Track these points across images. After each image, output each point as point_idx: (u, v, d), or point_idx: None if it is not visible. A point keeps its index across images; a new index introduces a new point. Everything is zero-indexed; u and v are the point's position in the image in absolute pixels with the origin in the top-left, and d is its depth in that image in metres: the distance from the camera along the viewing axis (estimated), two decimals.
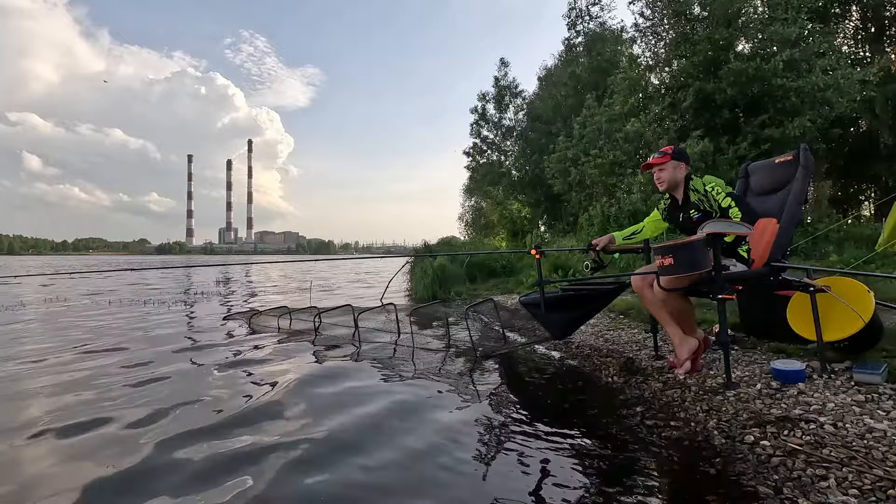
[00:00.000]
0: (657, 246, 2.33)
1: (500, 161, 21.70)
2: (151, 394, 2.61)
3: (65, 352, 3.78)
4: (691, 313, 2.48)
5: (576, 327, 3.39)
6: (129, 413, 2.30)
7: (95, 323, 5.36)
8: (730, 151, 9.37)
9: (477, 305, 5.43)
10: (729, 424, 1.85)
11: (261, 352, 3.69)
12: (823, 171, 12.59)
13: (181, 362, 3.37)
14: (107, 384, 2.82)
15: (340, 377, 2.92)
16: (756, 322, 3.04)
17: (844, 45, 12.94)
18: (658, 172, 2.60)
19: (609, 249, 2.88)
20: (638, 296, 2.70)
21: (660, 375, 2.51)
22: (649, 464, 1.67)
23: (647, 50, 12.41)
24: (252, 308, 6.30)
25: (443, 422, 2.14)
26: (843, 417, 1.77)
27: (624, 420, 2.06)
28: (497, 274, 8.54)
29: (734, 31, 10.06)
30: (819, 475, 1.44)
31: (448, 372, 3.01)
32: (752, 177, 2.98)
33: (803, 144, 2.73)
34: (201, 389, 2.70)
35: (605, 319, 4.23)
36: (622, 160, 11.37)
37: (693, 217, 2.50)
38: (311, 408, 2.35)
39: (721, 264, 2.19)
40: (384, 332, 4.30)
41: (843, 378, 2.14)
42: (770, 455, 1.60)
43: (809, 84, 8.92)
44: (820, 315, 2.25)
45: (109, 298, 8.22)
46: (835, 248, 7.26)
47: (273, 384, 2.78)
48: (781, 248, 2.55)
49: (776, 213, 2.63)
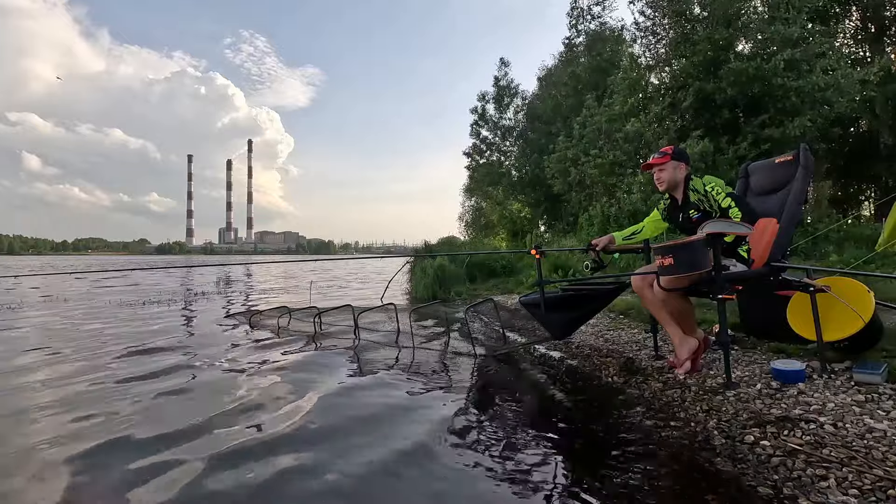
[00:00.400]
0: (657, 246, 2.33)
1: (500, 161, 21.70)
2: (143, 392, 2.60)
3: (58, 353, 3.78)
4: (691, 313, 2.48)
5: (576, 327, 3.39)
6: (121, 409, 2.30)
7: (92, 325, 5.36)
8: (730, 151, 9.37)
9: (477, 305, 5.43)
10: (729, 424, 1.85)
11: (260, 351, 3.69)
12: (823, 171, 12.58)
13: (178, 362, 3.36)
14: (102, 382, 2.81)
15: (339, 377, 2.92)
16: (756, 322, 3.04)
17: (844, 45, 12.94)
18: (658, 173, 2.60)
19: (609, 249, 2.88)
20: (638, 296, 2.70)
21: (660, 375, 2.51)
22: (649, 464, 1.67)
23: (647, 50, 12.42)
24: (252, 308, 6.31)
25: (441, 421, 2.14)
26: (843, 417, 1.77)
27: (624, 420, 2.06)
28: (497, 274, 8.54)
29: (734, 32, 10.06)
30: (819, 475, 1.44)
31: (447, 372, 3.01)
32: (752, 177, 2.98)
33: (803, 144, 2.73)
34: (195, 388, 2.70)
35: (605, 319, 4.23)
36: (622, 160, 11.37)
37: (693, 217, 2.50)
38: (309, 407, 2.35)
39: (721, 264, 2.19)
40: (384, 331, 4.30)
41: (843, 378, 2.14)
42: (770, 455, 1.60)
43: (810, 84, 8.92)
44: (820, 315, 2.25)
45: (108, 298, 8.22)
46: (835, 248, 7.26)
47: (271, 384, 2.78)
48: (781, 248, 2.55)
49: (776, 213, 2.63)
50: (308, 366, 3.22)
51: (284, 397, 2.52)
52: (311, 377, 2.93)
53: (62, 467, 1.74)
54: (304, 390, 2.64)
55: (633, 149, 11.25)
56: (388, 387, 2.70)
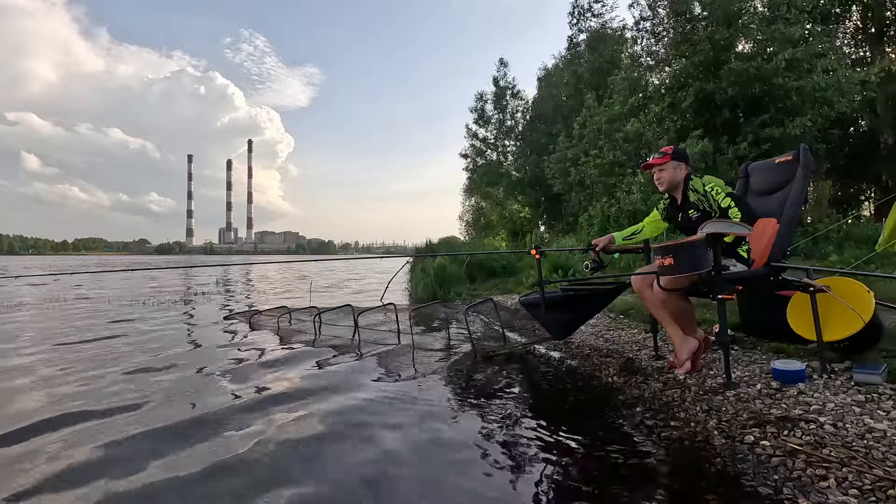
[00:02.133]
0: (657, 246, 2.33)
1: (499, 161, 21.71)
2: (144, 390, 2.61)
3: (56, 352, 3.78)
4: (691, 313, 2.48)
5: (576, 327, 3.39)
6: (124, 409, 2.30)
7: (92, 322, 5.36)
8: (730, 151, 9.37)
9: (477, 305, 5.43)
10: (729, 424, 1.85)
11: (260, 351, 3.69)
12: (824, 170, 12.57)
13: (179, 362, 3.36)
14: (102, 383, 2.81)
15: (339, 377, 2.92)
16: (756, 322, 3.04)
17: (845, 45, 12.93)
18: (658, 173, 2.60)
19: (609, 249, 2.88)
20: (638, 296, 2.70)
21: (660, 375, 2.51)
22: (649, 464, 1.67)
23: (647, 49, 12.41)
24: (252, 308, 6.31)
25: (441, 423, 2.14)
26: (843, 417, 1.77)
27: (624, 420, 2.06)
28: (497, 274, 8.54)
29: (735, 31, 10.05)
30: (819, 475, 1.44)
31: (447, 372, 3.01)
32: (751, 177, 2.98)
33: (803, 144, 2.73)
34: (194, 389, 2.70)
35: (605, 319, 4.23)
36: (622, 160, 11.37)
37: (692, 217, 2.50)
38: (307, 409, 2.35)
39: (721, 264, 2.19)
40: (384, 331, 4.30)
41: (843, 378, 2.14)
42: (770, 455, 1.60)
43: (810, 84, 8.92)
44: (820, 315, 2.25)
45: (109, 297, 8.22)
46: (835, 248, 7.26)
47: (271, 385, 2.78)
48: (781, 248, 2.55)
49: (776, 214, 2.63)
50: (307, 366, 3.22)
51: (282, 398, 2.52)
52: (310, 377, 2.93)
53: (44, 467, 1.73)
54: (303, 391, 2.64)
55: (633, 149, 11.25)
56: (387, 387, 2.70)
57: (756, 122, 9.50)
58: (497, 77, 21.58)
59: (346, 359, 3.42)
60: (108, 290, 9.97)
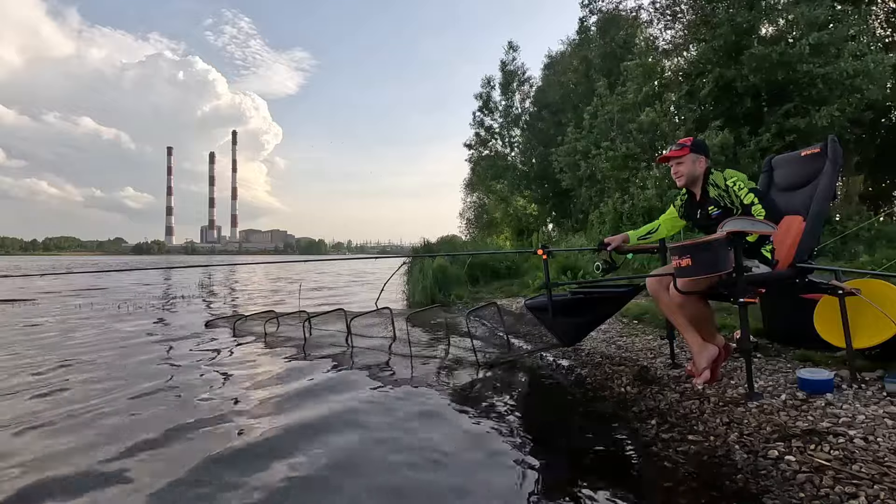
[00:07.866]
0: (674, 245, 2.33)
1: (504, 153, 21.70)
2: (118, 409, 2.61)
3: (31, 366, 3.78)
4: (711, 318, 2.48)
5: (585, 333, 3.38)
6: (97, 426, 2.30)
7: (63, 331, 5.36)
8: (752, 143, 9.37)
9: (479, 310, 5.42)
10: (751, 438, 1.85)
11: (245, 361, 3.69)
12: (853, 164, 12.56)
13: (156, 375, 3.36)
14: (73, 399, 2.81)
15: (330, 389, 2.92)
16: (780, 328, 3.04)
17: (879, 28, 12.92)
18: (676, 166, 2.60)
19: (622, 249, 2.88)
20: (653, 299, 2.70)
21: (676, 385, 2.51)
22: (666, 480, 1.67)
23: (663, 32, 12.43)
24: (237, 312, 6.31)
25: (442, 437, 2.15)
26: (875, 431, 1.77)
27: (638, 433, 2.07)
28: (501, 276, 8.55)
29: (757, 14, 10.05)
30: (848, 493, 1.44)
31: (447, 382, 3.01)
32: (776, 171, 2.99)
33: (831, 136, 2.73)
34: (172, 404, 2.69)
35: (618, 325, 4.23)
36: (636, 153, 11.37)
37: (712, 214, 2.50)
38: (295, 421, 2.35)
39: (743, 265, 2.19)
40: (379, 338, 4.31)
41: (874, 388, 2.15)
42: (795, 471, 1.60)
43: (837, 70, 8.92)
44: (849, 320, 2.25)
45: (79, 303, 8.22)
46: (866, 247, 7.25)
47: (254, 396, 2.78)
48: (808, 248, 2.55)
49: (802, 211, 2.63)
50: (296, 377, 3.22)
51: (268, 410, 2.53)
52: (299, 388, 2.93)
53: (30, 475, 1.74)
54: (291, 403, 2.65)
55: (648, 140, 11.25)
56: (382, 400, 2.71)
57: (780, 111, 9.50)
58: (505, 61, 21.55)
59: (337, 368, 3.42)
60: (81, 294, 9.97)
